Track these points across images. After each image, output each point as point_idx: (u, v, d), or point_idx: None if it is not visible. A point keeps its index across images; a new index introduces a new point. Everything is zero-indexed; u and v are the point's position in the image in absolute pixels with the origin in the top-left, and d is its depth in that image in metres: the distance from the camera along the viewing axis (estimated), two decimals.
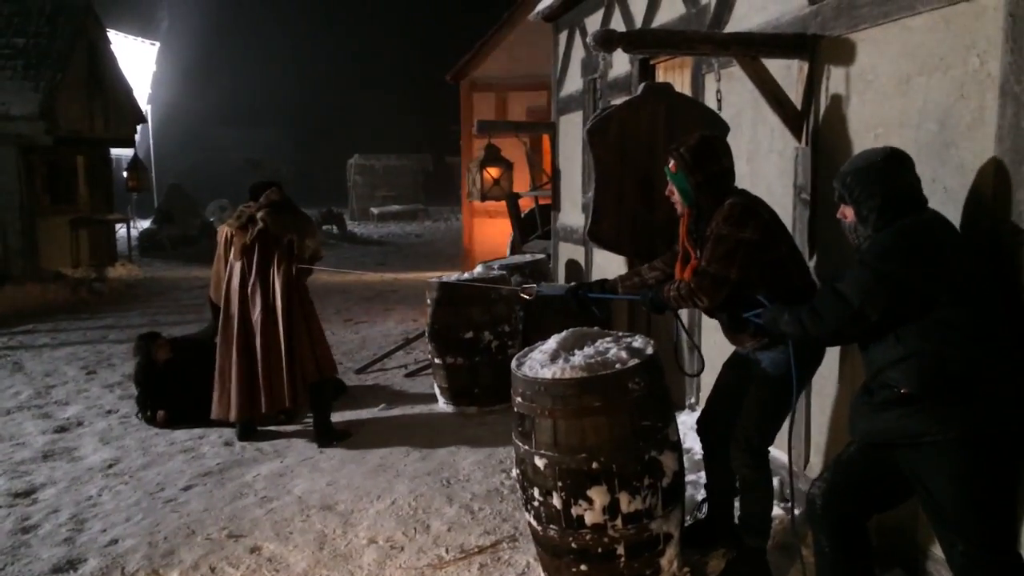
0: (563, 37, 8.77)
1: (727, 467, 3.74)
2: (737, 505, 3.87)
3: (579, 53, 8.18)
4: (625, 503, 3.29)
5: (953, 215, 2.92)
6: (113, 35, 17.75)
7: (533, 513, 3.49)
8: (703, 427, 3.78)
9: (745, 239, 3.24)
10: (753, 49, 3.99)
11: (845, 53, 3.74)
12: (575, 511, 3.32)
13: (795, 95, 4.09)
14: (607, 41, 3.88)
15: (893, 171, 2.74)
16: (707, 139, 3.49)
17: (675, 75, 5.99)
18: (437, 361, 6.41)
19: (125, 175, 17.77)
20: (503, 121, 12.87)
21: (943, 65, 3.13)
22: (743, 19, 4.75)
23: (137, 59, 25.76)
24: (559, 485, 3.33)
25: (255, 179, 6.45)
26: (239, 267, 5.61)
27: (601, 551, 3.35)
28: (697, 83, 5.46)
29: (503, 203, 10.21)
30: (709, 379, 5.23)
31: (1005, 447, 2.55)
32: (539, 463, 3.37)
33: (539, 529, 3.50)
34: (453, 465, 5.16)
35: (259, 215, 5.57)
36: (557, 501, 3.35)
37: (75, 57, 14.71)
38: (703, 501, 4.04)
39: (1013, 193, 2.75)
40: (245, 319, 5.58)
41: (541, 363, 3.45)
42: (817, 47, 3.93)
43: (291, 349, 5.51)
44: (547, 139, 10.11)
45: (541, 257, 8.41)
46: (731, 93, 4.59)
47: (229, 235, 5.74)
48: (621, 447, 3.30)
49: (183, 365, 6.21)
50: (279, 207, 5.65)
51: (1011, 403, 2.53)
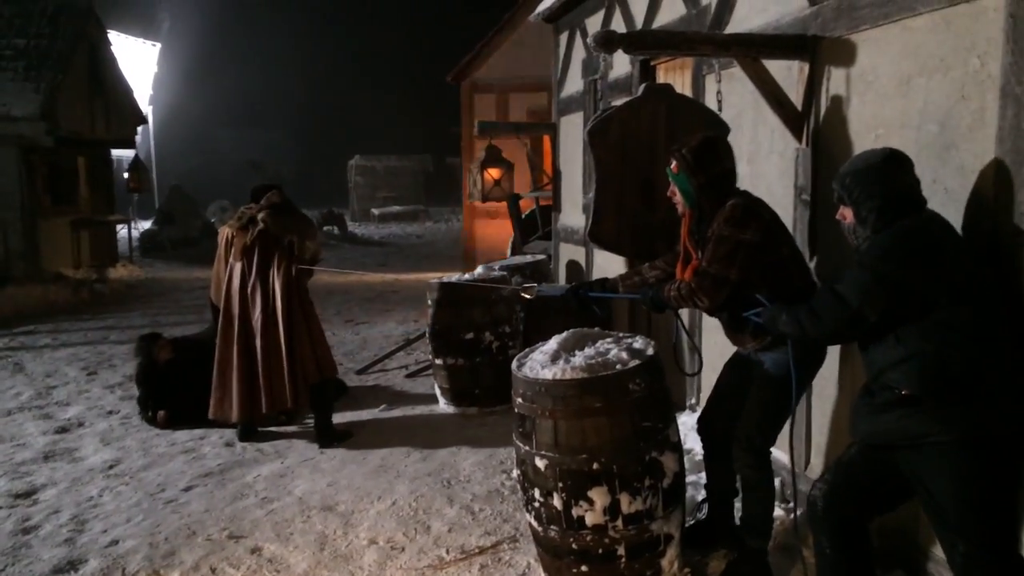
0: (564, 38, 8.77)
1: (728, 468, 3.74)
2: (738, 506, 3.87)
3: (580, 54, 8.17)
4: (626, 504, 3.29)
5: (954, 216, 2.92)
6: (114, 36, 17.76)
7: (534, 514, 3.50)
8: (704, 427, 3.79)
9: (746, 240, 3.24)
10: (754, 50, 3.99)
11: (845, 54, 3.74)
12: (576, 512, 3.32)
13: (796, 96, 4.09)
14: (608, 42, 3.88)
15: (892, 172, 2.74)
16: (709, 140, 3.49)
17: (676, 76, 5.99)
18: (438, 362, 6.41)
19: (126, 176, 17.81)
20: (504, 122, 12.87)
21: (943, 66, 3.13)
22: (744, 20, 4.75)
23: (138, 60, 25.78)
24: (560, 486, 3.33)
25: (256, 180, 6.48)
26: (239, 268, 5.62)
27: (602, 552, 3.35)
28: (698, 84, 5.46)
29: (504, 204, 10.22)
30: (709, 380, 5.23)
31: (1006, 448, 2.55)
32: (540, 464, 3.37)
33: (540, 530, 3.50)
34: (454, 466, 5.16)
35: (260, 216, 5.58)
36: (558, 502, 3.35)
37: (76, 58, 14.73)
38: (703, 502, 4.04)
39: (1014, 194, 2.75)
40: (245, 320, 5.58)
41: (542, 364, 3.45)
42: (818, 48, 3.93)
43: (291, 350, 5.52)
44: (548, 140, 10.12)
45: (542, 258, 8.41)
46: (732, 94, 4.59)
47: (230, 236, 5.75)
48: (622, 448, 3.30)
49: (184, 365, 6.21)
50: (280, 208, 5.66)
51: (1012, 404, 2.52)
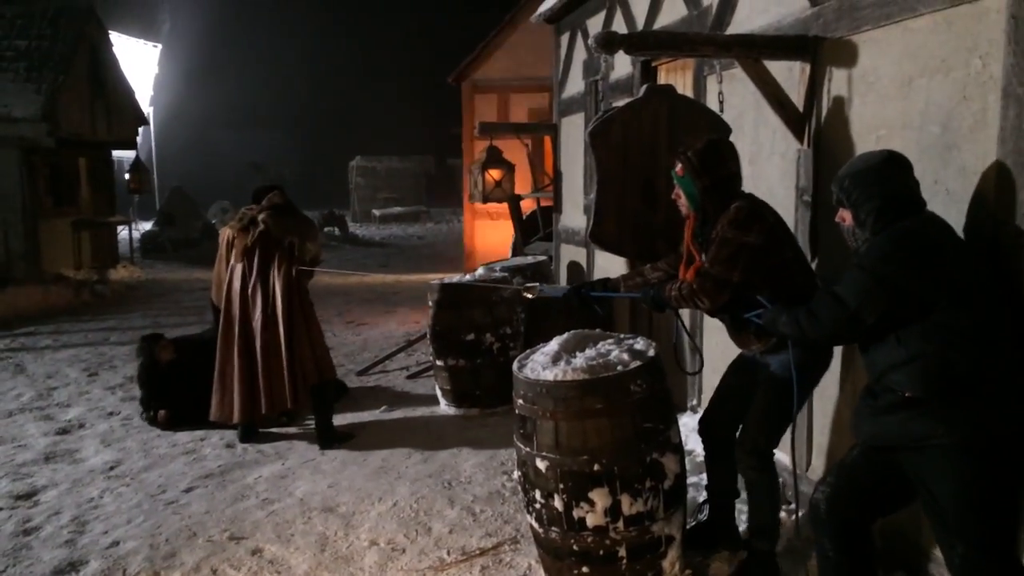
0: (565, 39, 8.77)
1: (729, 469, 3.74)
2: (744, 508, 3.87)
3: (581, 55, 8.18)
4: (627, 505, 3.29)
5: (955, 217, 2.91)
6: (115, 37, 17.76)
7: (535, 515, 3.49)
8: (705, 428, 3.78)
9: (749, 243, 3.24)
10: (755, 51, 3.99)
11: (847, 55, 3.74)
12: (577, 513, 3.32)
13: (797, 97, 4.08)
14: (609, 43, 3.88)
15: (891, 174, 2.73)
16: (714, 143, 3.49)
17: (677, 77, 5.99)
18: (439, 363, 6.41)
19: (127, 177, 17.80)
20: (505, 123, 12.87)
21: (945, 67, 3.12)
22: (745, 21, 4.74)
23: (139, 61, 25.77)
24: (561, 487, 3.33)
25: (257, 181, 6.48)
26: (240, 269, 5.62)
27: (603, 553, 3.35)
28: (699, 85, 5.46)
29: (505, 205, 10.21)
30: (711, 381, 5.23)
31: (1008, 449, 2.54)
32: (541, 465, 3.37)
33: (541, 531, 3.49)
34: (455, 467, 5.15)
35: (261, 217, 5.58)
36: (559, 503, 3.34)
37: (77, 59, 14.75)
38: (704, 503, 4.03)
39: (1016, 195, 2.74)
40: (246, 321, 5.58)
41: (543, 365, 3.45)
42: (819, 49, 3.92)
43: (291, 351, 5.51)
44: (549, 141, 10.11)
45: (543, 259, 8.41)
46: (733, 95, 4.59)
47: (230, 237, 5.75)
48: (623, 449, 3.29)
49: (186, 366, 6.21)
50: (281, 210, 5.66)
51: (1015, 404, 2.52)
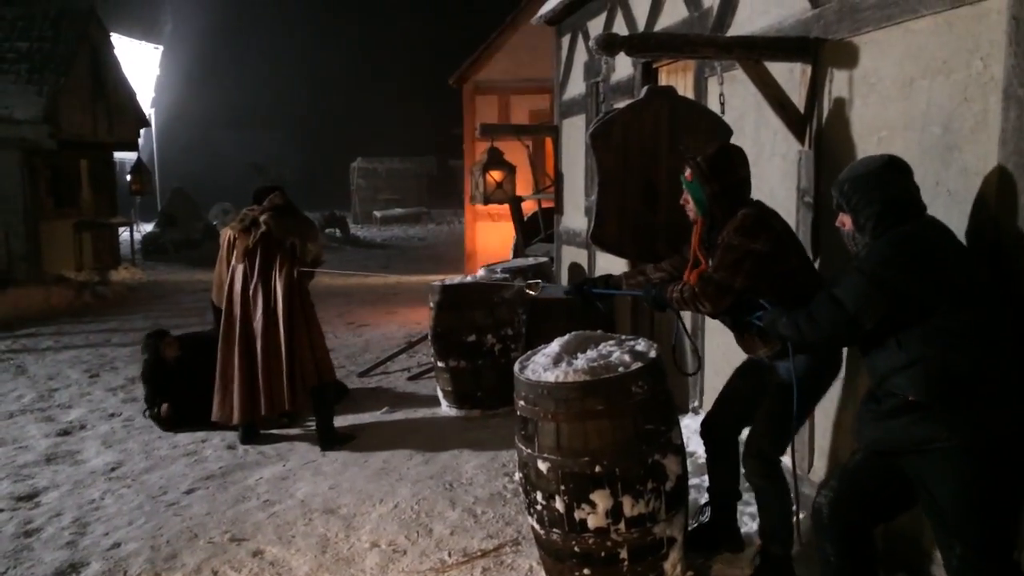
0: (566, 41, 8.77)
1: (731, 470, 3.74)
2: (744, 510, 3.87)
3: (582, 57, 8.18)
4: (628, 507, 3.28)
5: (957, 219, 2.91)
6: (116, 39, 17.78)
7: (536, 517, 3.49)
8: (708, 430, 3.77)
9: (755, 250, 3.23)
10: (756, 52, 3.99)
11: (848, 56, 3.74)
12: (578, 515, 3.31)
13: (798, 98, 4.08)
14: (610, 45, 3.88)
15: (891, 178, 2.72)
16: (725, 149, 3.48)
17: (678, 78, 5.99)
18: (440, 364, 6.41)
19: (128, 179, 17.82)
20: (506, 124, 12.86)
21: (946, 68, 3.12)
22: (746, 22, 4.74)
23: (140, 63, 25.81)
24: (562, 489, 3.32)
25: (258, 183, 6.47)
26: (241, 270, 5.62)
27: (604, 555, 3.35)
28: (700, 86, 5.46)
29: (506, 206, 10.22)
30: (712, 382, 5.23)
31: (1010, 451, 2.53)
32: (542, 467, 3.36)
33: (542, 533, 3.49)
34: (456, 469, 5.15)
35: (262, 218, 5.58)
36: (560, 505, 3.34)
37: (78, 61, 14.76)
38: (706, 504, 4.03)
39: (1017, 197, 2.74)
40: (247, 322, 5.58)
41: (544, 366, 3.45)
42: (820, 50, 3.92)
43: (291, 352, 5.51)
44: (550, 142, 10.11)
45: (544, 260, 8.41)
46: (734, 96, 4.59)
47: (232, 238, 5.75)
48: (624, 451, 3.29)
49: (191, 363, 6.19)
50: (282, 210, 5.66)
51: (1016, 406, 2.51)
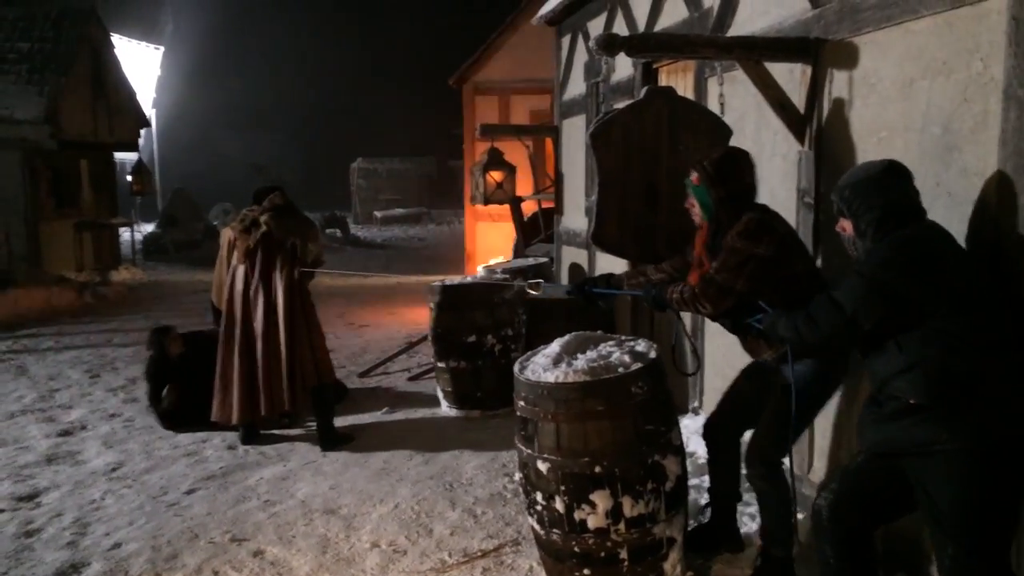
0: (566, 41, 8.78)
1: (732, 472, 3.74)
2: (744, 510, 3.86)
3: (582, 57, 8.18)
4: (628, 507, 3.28)
5: (956, 220, 2.91)
6: (117, 39, 17.83)
7: (536, 517, 3.49)
8: (710, 432, 3.77)
9: (758, 254, 3.22)
10: (756, 53, 3.99)
11: (848, 57, 3.74)
12: (578, 515, 3.31)
13: (798, 99, 4.08)
14: (610, 45, 3.89)
15: (891, 184, 2.71)
16: (732, 155, 3.48)
17: (678, 79, 5.99)
18: (440, 365, 6.41)
19: (129, 179, 17.84)
20: (506, 125, 12.88)
21: (946, 69, 3.12)
22: (746, 23, 4.75)
23: (141, 63, 25.82)
24: (562, 489, 3.33)
25: (259, 183, 6.45)
26: (242, 271, 5.62)
27: (604, 555, 3.35)
28: (700, 87, 5.46)
29: (506, 207, 10.23)
30: (712, 383, 5.23)
31: (1011, 455, 2.53)
32: (542, 467, 3.37)
33: (542, 533, 3.49)
34: (456, 469, 5.15)
35: (263, 219, 5.58)
36: (560, 505, 3.34)
37: (79, 62, 14.78)
38: (706, 505, 4.03)
39: (1017, 198, 2.74)
40: (247, 322, 5.59)
41: (544, 367, 3.45)
42: (820, 51, 3.92)
43: (292, 352, 5.52)
44: (550, 143, 10.12)
45: (544, 260, 8.42)
46: (734, 97, 4.59)
47: (232, 239, 5.75)
48: (624, 451, 3.29)
49: (195, 361, 6.16)
50: (282, 211, 5.66)
51: (1016, 407, 2.51)
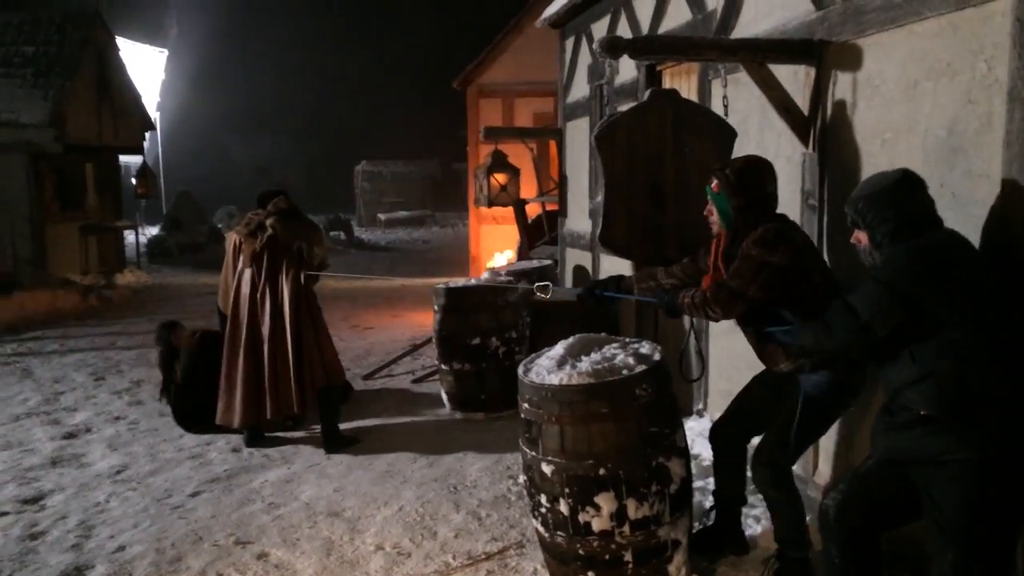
0: (569, 43, 8.78)
1: (736, 474, 3.73)
2: (749, 512, 3.86)
3: (586, 59, 8.18)
4: (632, 509, 3.28)
5: (961, 221, 2.90)
6: (122, 43, 17.87)
7: (540, 519, 3.49)
8: (717, 435, 3.76)
9: (773, 263, 3.20)
10: (760, 55, 3.99)
11: (852, 58, 3.74)
12: (582, 517, 3.31)
13: (802, 101, 4.08)
14: (613, 47, 3.89)
15: (905, 194, 2.69)
16: (754, 163, 3.46)
17: (682, 81, 5.99)
18: (444, 367, 6.41)
19: (134, 182, 17.89)
20: (510, 127, 12.88)
21: (950, 70, 3.12)
22: (750, 25, 4.74)
23: (146, 66, 25.94)
24: (566, 491, 3.32)
25: (263, 186, 6.45)
26: (248, 274, 5.63)
27: (608, 558, 3.34)
28: (704, 89, 5.46)
29: (510, 209, 10.23)
30: (717, 386, 5.23)
31: (1019, 465, 2.51)
32: (546, 469, 3.36)
33: (546, 536, 3.49)
34: (460, 471, 5.15)
35: (268, 222, 5.59)
36: (564, 507, 3.34)
37: (84, 65, 14.83)
38: (711, 508, 4.02)
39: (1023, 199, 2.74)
40: (254, 325, 5.59)
41: (548, 369, 3.45)
42: (824, 52, 3.92)
43: (299, 355, 5.52)
44: (554, 145, 10.12)
45: (548, 263, 8.42)
46: (738, 99, 4.59)
47: (237, 242, 5.76)
48: (628, 453, 3.29)
49: (205, 360, 6.12)
50: (287, 214, 5.67)
51: None
